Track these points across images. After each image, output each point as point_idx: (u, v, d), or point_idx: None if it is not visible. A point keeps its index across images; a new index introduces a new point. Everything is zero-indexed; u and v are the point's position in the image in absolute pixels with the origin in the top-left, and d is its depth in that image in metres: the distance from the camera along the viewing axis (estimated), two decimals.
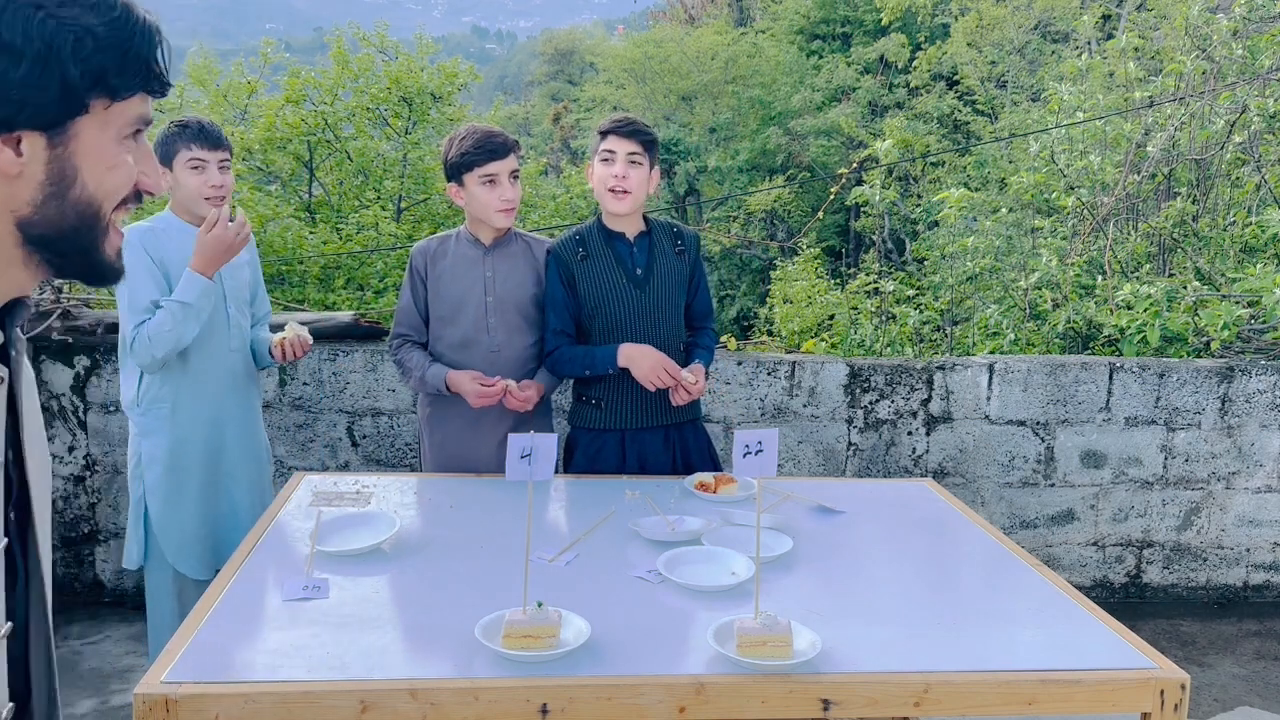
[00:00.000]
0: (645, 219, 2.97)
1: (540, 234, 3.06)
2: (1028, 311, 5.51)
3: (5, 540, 0.94)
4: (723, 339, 4.66)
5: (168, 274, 2.77)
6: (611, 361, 2.82)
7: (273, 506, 2.51)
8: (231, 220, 2.75)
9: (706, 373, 2.92)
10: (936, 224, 7.85)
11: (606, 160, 2.84)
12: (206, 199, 2.78)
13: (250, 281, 3.02)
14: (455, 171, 2.84)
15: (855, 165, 7.73)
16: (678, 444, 2.98)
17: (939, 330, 6.07)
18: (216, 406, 2.89)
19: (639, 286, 2.88)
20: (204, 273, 2.71)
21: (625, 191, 2.82)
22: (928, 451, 4.23)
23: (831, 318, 6.32)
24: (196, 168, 2.77)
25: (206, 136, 2.78)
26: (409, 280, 2.95)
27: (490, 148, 2.81)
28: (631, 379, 2.83)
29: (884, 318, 6.21)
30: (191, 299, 2.70)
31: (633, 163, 2.82)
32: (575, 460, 2.97)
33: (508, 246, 2.94)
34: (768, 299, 8.74)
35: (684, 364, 2.88)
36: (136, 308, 2.73)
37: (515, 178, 2.86)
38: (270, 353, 2.95)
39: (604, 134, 2.86)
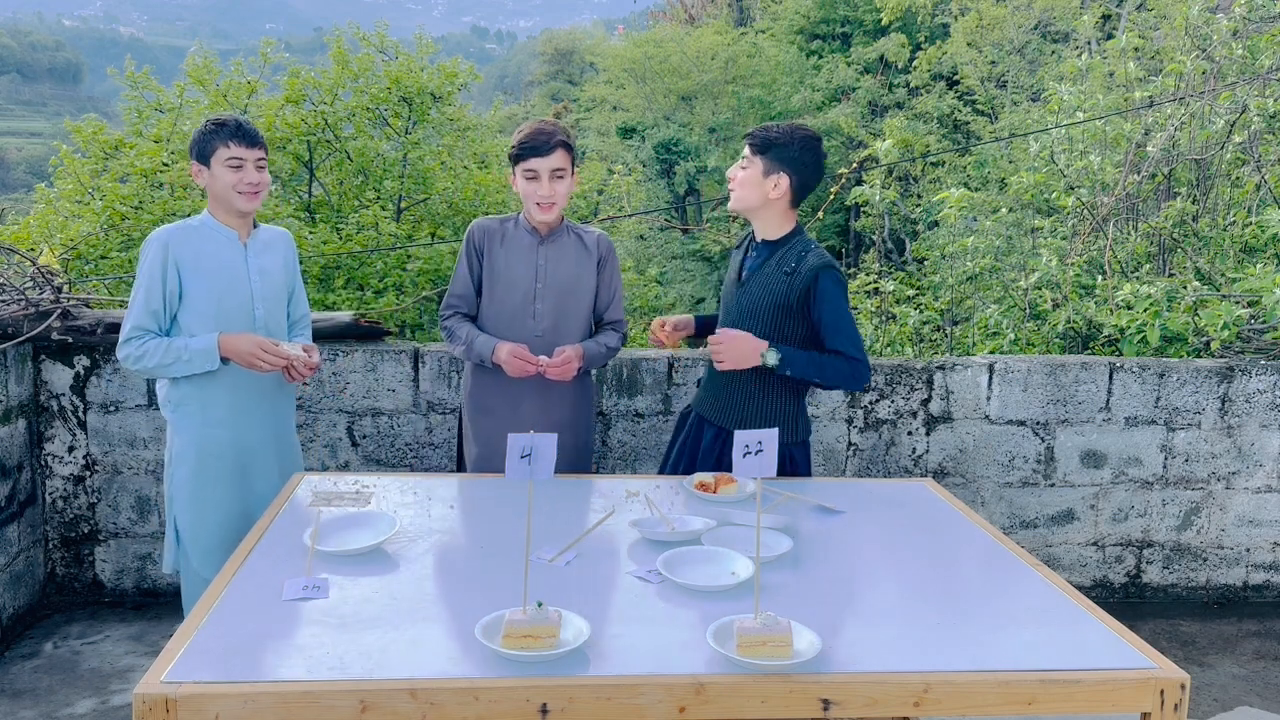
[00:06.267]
0: (798, 231, 2.95)
1: None
2: (1028, 311, 5.51)
3: None
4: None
5: (183, 274, 2.79)
6: None
7: (273, 506, 2.51)
8: (300, 369, 2.85)
9: (783, 372, 2.80)
10: (936, 224, 7.84)
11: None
12: (240, 193, 2.81)
13: (286, 283, 3.03)
14: (510, 162, 3.01)
15: (855, 165, 7.72)
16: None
17: (939, 330, 6.08)
18: (244, 409, 2.91)
19: (740, 287, 2.98)
20: (223, 350, 2.76)
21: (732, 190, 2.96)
22: (928, 451, 4.23)
23: None
24: (236, 166, 2.80)
25: (245, 135, 2.81)
26: (464, 252, 3.10)
27: (534, 144, 2.93)
28: (728, 374, 2.90)
29: (884, 318, 6.21)
30: (194, 356, 2.75)
31: (743, 167, 2.93)
32: (675, 435, 3.14)
33: (560, 238, 3.09)
34: None
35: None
36: (137, 309, 2.77)
37: (559, 176, 2.95)
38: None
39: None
